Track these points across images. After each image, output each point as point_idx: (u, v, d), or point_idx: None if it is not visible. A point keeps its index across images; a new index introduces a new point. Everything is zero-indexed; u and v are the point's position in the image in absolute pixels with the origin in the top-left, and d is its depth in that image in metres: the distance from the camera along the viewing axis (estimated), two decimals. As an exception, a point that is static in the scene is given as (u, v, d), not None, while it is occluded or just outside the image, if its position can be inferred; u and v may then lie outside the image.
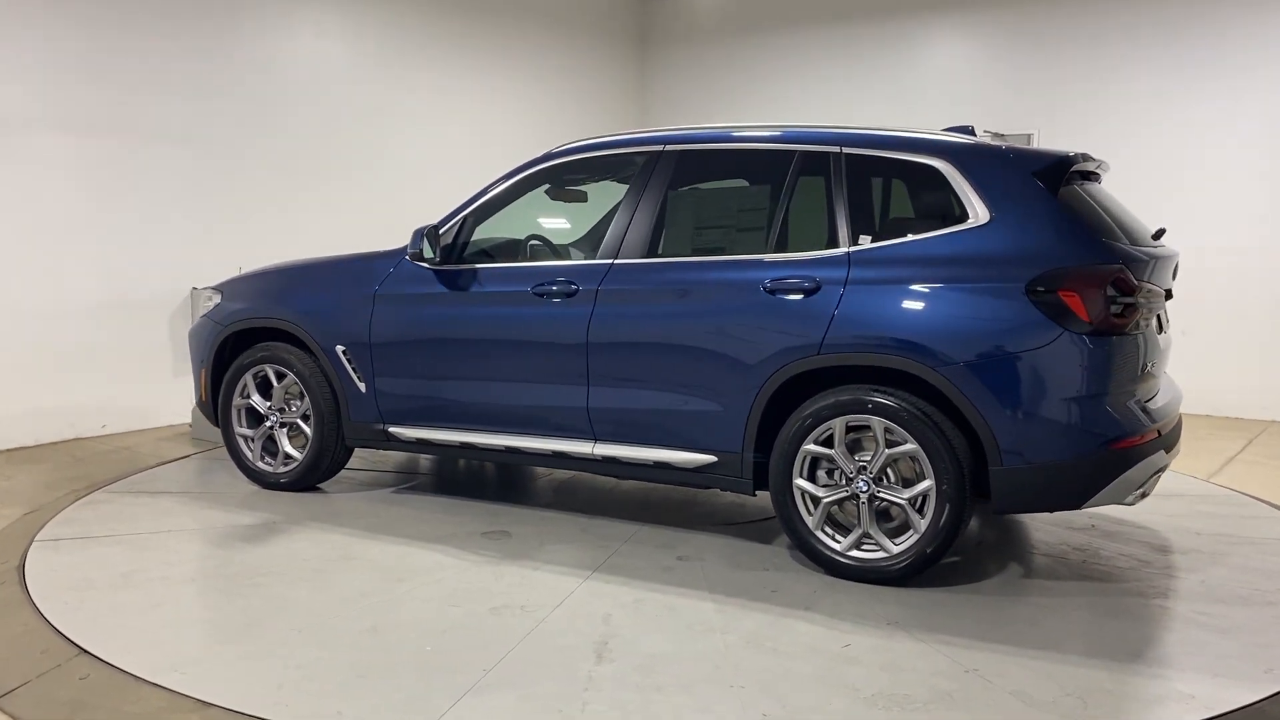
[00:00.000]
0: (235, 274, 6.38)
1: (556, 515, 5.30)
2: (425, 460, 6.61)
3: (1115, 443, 3.99)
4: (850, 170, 4.48)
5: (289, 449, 5.68)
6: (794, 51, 10.69)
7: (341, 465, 5.78)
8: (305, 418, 5.60)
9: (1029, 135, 9.27)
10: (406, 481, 6.05)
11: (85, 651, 3.56)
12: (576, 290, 4.83)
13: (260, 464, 5.75)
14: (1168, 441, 4.26)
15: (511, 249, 5.48)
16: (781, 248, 4.53)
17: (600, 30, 11.42)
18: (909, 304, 4.22)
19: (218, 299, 5.91)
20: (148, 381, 7.56)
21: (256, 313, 5.68)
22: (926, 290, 4.20)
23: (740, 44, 11.05)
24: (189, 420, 7.43)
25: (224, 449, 6.00)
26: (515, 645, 3.65)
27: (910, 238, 4.32)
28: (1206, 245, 8.22)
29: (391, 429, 5.36)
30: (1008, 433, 4.03)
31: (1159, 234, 4.65)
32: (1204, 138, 8.57)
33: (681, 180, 4.89)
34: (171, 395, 7.58)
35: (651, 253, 4.80)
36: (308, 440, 5.58)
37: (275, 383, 5.65)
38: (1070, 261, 4.03)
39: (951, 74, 9.85)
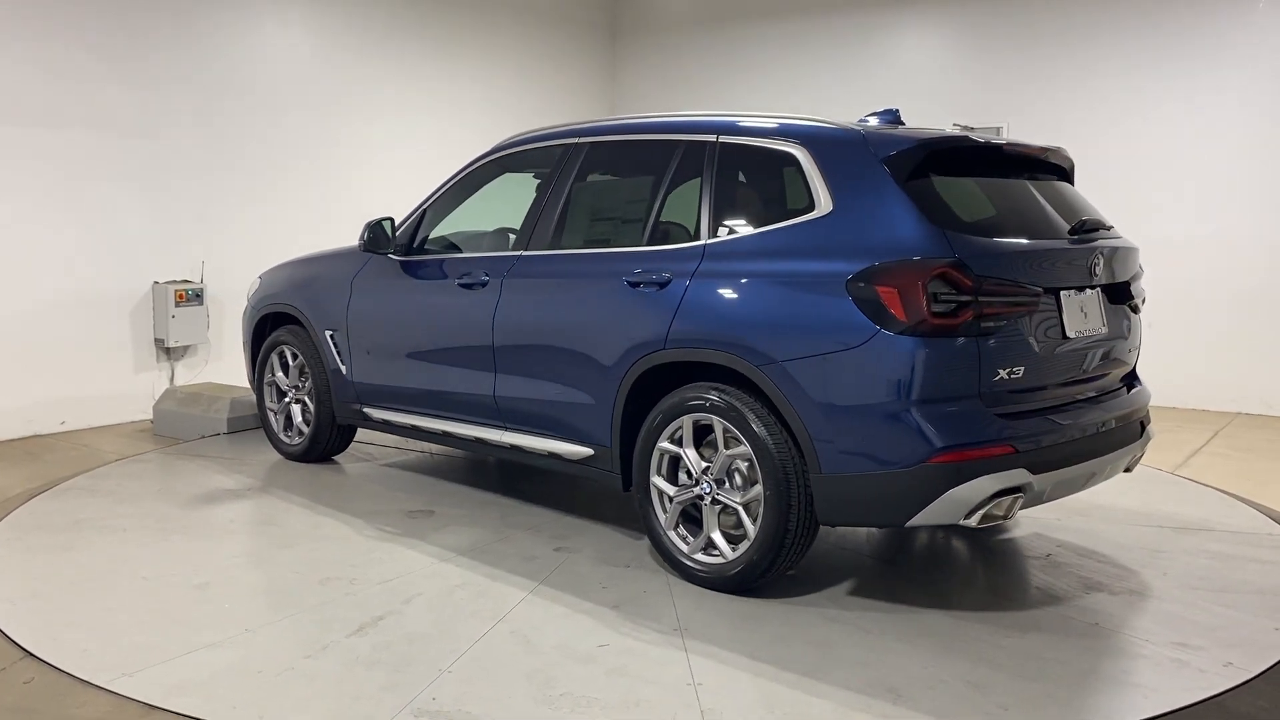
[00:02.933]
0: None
1: (503, 502, 5.42)
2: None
3: (937, 456, 3.59)
4: (722, 159, 4.31)
5: (300, 424, 6.21)
6: (764, 44, 10.66)
7: (345, 441, 6.23)
8: (311, 395, 6.10)
9: (999, 128, 9.04)
10: (403, 457, 6.40)
11: (30, 655, 3.51)
12: (487, 281, 4.97)
13: (282, 436, 6.34)
14: (1038, 460, 3.75)
15: (475, 240, 5.67)
16: (657, 240, 4.43)
17: (570, 21, 11.26)
18: (740, 299, 4.03)
19: (259, 285, 6.55)
20: (108, 378, 7.43)
21: (277, 299, 6.26)
22: (759, 285, 3.99)
23: (710, 37, 11.06)
24: (150, 417, 7.34)
25: (184, 444, 6.65)
26: (296, 612, 3.90)
27: (758, 230, 4.10)
28: (1173, 237, 8.38)
29: (365, 409, 5.74)
30: (825, 439, 3.75)
31: (1080, 228, 4.09)
32: (1170, 131, 8.56)
33: (587, 172, 4.89)
34: (133, 392, 7.53)
35: (554, 245, 4.84)
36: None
37: (290, 363, 6.20)
38: (892, 255, 3.67)
39: (922, 66, 9.80)
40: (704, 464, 4.13)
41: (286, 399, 6.28)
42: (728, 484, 4.08)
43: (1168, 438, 7.14)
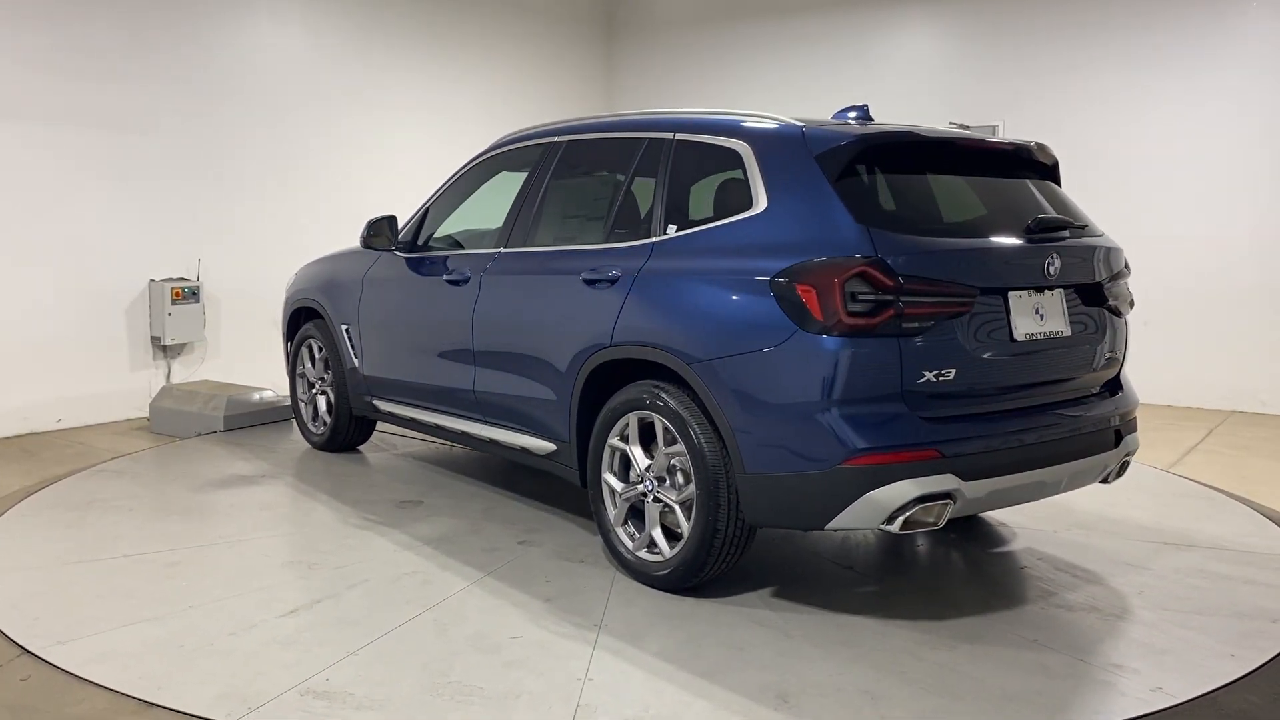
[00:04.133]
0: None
1: (492, 495, 5.51)
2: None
3: (854, 458, 3.50)
4: (676, 157, 4.31)
5: (324, 414, 6.45)
6: (761, 43, 10.64)
7: (365, 431, 6.45)
8: (332, 387, 6.33)
9: (994, 126, 9.02)
10: (421, 449, 6.56)
11: (27, 651, 3.51)
12: (469, 278, 5.07)
13: (310, 426, 6.60)
14: (969, 466, 3.61)
15: (476, 238, 5.78)
16: (615, 237, 4.45)
17: (567, 18, 11.15)
18: (675, 297, 4.03)
19: (294, 280, 6.83)
20: (105, 375, 7.47)
21: (305, 294, 6.52)
22: (693, 283, 3.98)
23: (706, 33, 11.05)
24: (146, 415, 7.39)
25: (180, 442, 6.75)
26: (245, 592, 4.07)
27: (701, 227, 4.08)
28: (1169, 235, 8.42)
29: (374, 401, 5.93)
30: (748, 438, 3.71)
31: (1037, 226, 3.92)
32: (1167, 130, 8.53)
33: (561, 171, 4.94)
34: (129, 389, 7.56)
35: (528, 242, 4.91)
36: (335, 407, 6.33)
37: (316, 355, 6.45)
38: (815, 254, 3.60)
39: (919, 64, 9.78)
40: (648, 461, 4.13)
41: (314, 390, 6.54)
42: (669, 482, 4.06)
43: (1163, 435, 7.27)
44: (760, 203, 3.86)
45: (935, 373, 3.60)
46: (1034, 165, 4.33)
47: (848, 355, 3.51)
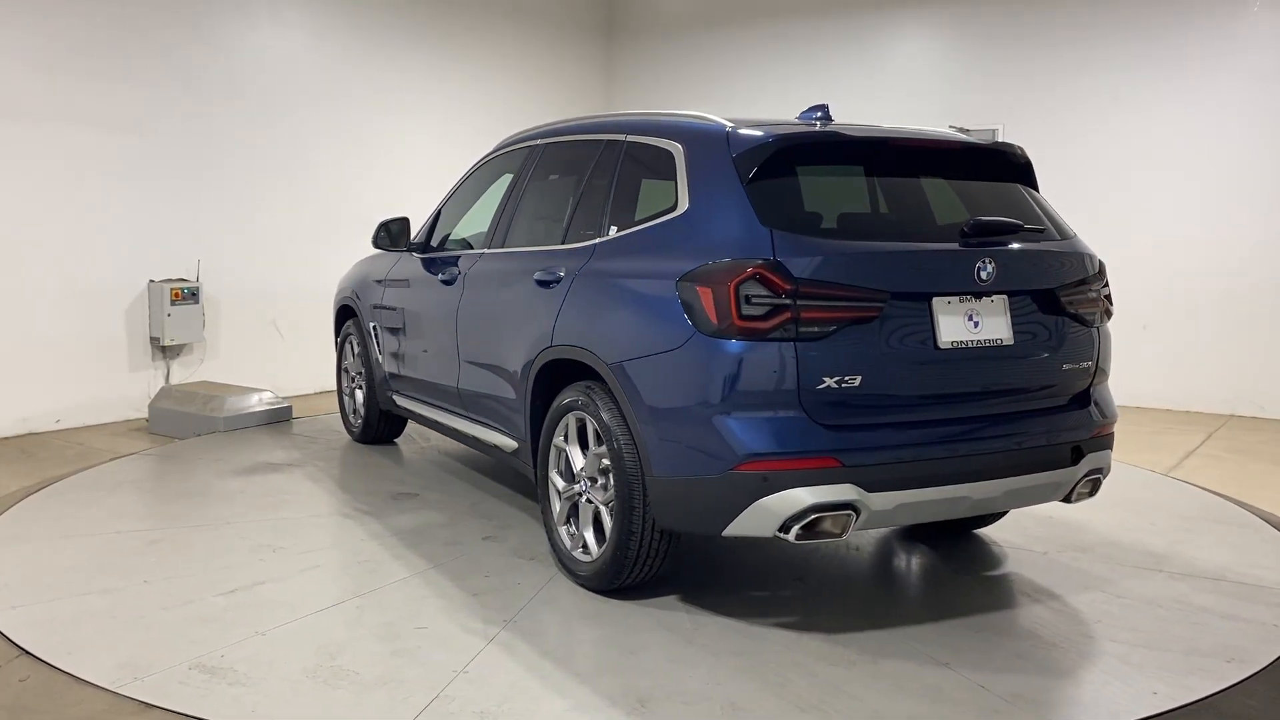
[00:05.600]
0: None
1: (486, 491, 5.60)
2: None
3: (744, 464, 3.44)
4: (626, 158, 4.32)
5: (359, 407, 6.73)
6: (759, 45, 10.60)
7: (396, 425, 6.67)
8: (365, 382, 6.60)
9: (993, 130, 9.04)
10: (453, 445, 6.71)
11: (26, 653, 3.50)
12: (456, 278, 5.20)
13: (350, 419, 6.89)
14: (876, 477, 3.48)
15: (478, 238, 5.90)
16: (570, 238, 4.49)
17: (566, 21, 10.96)
18: (601, 298, 4.05)
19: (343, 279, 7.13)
20: (103, 376, 7.45)
21: (344, 293, 6.81)
22: (617, 284, 4.01)
23: (705, 37, 11.03)
24: (145, 415, 7.42)
25: (178, 443, 6.78)
26: (201, 571, 4.32)
27: (634, 228, 4.07)
28: (1168, 238, 8.51)
29: (394, 396, 6.15)
30: (654, 441, 3.70)
31: (971, 229, 3.73)
32: (1165, 133, 8.55)
33: (539, 173, 5.01)
34: (128, 390, 7.56)
35: (505, 243, 5.00)
36: (373, 402, 6.59)
37: (354, 352, 6.73)
38: (717, 255, 3.55)
39: (919, 67, 9.78)
40: (584, 462, 4.15)
41: (352, 384, 6.83)
42: (599, 483, 4.07)
43: (1162, 439, 7.36)
44: (683, 204, 3.84)
45: (837, 379, 3.48)
46: (996, 166, 4.12)
47: (741, 359, 3.45)
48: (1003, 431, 3.77)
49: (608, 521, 3.97)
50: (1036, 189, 4.23)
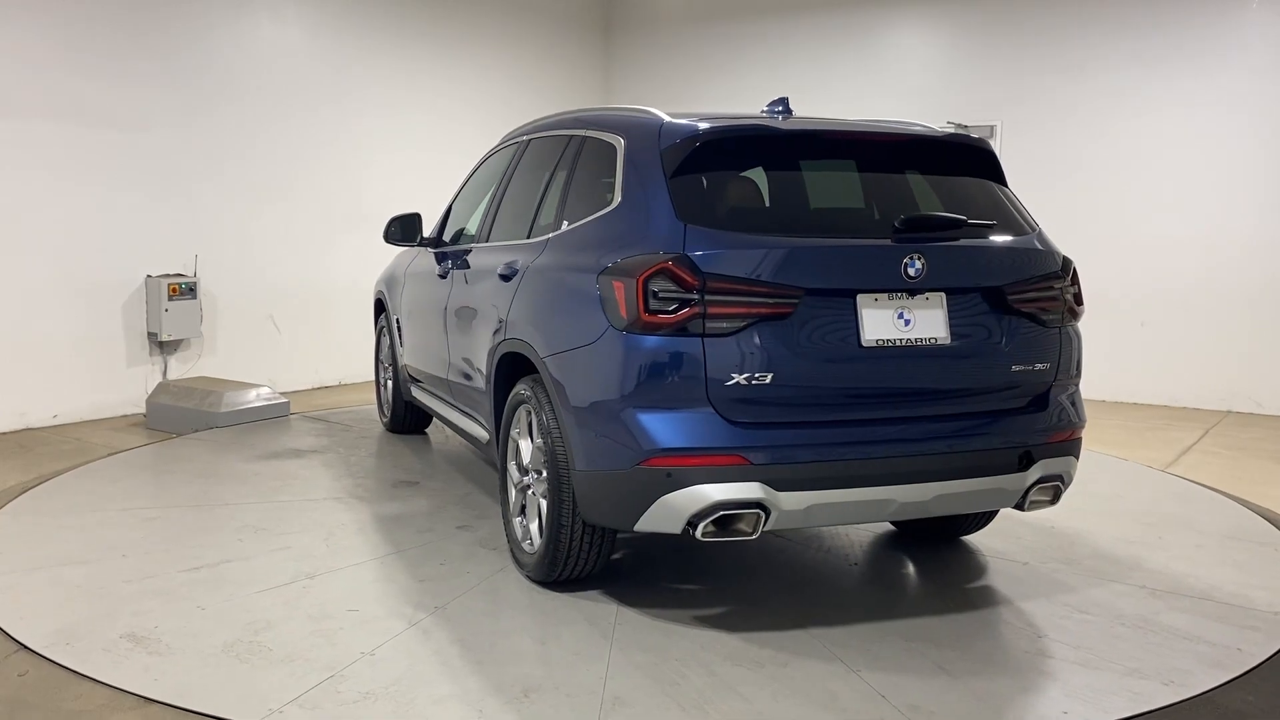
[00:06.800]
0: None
1: (484, 483, 5.70)
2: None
3: (649, 459, 3.42)
4: (583, 153, 4.34)
5: (389, 398, 6.93)
6: (758, 41, 10.54)
7: (424, 416, 6.82)
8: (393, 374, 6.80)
9: (992, 127, 8.97)
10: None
11: (24, 647, 3.51)
12: (448, 273, 5.32)
13: (383, 409, 7.12)
14: (787, 476, 3.41)
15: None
16: (534, 233, 4.53)
17: (565, 19, 10.74)
18: (539, 292, 4.09)
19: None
20: (101, 372, 7.41)
21: (378, 287, 7.03)
22: (553, 278, 4.04)
23: (704, 32, 10.94)
24: (143, 411, 7.38)
25: (175, 438, 6.76)
26: (181, 548, 4.53)
27: (579, 223, 4.08)
28: (1165, 236, 8.48)
29: (410, 387, 6.31)
30: (575, 434, 3.71)
31: (903, 224, 3.61)
32: (1163, 131, 8.51)
33: (523, 169, 5.06)
34: (125, 386, 7.53)
35: (488, 238, 5.08)
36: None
37: (387, 344, 6.94)
38: (633, 250, 3.54)
39: (917, 64, 9.75)
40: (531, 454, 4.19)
41: (385, 375, 7.04)
42: (542, 475, 4.10)
43: (1159, 435, 7.41)
44: (617, 198, 3.84)
45: (747, 376, 3.42)
46: (957, 159, 3.97)
47: (647, 353, 3.43)
48: (933, 433, 3.63)
49: (546, 515, 4.00)
50: (1002, 182, 4.05)
